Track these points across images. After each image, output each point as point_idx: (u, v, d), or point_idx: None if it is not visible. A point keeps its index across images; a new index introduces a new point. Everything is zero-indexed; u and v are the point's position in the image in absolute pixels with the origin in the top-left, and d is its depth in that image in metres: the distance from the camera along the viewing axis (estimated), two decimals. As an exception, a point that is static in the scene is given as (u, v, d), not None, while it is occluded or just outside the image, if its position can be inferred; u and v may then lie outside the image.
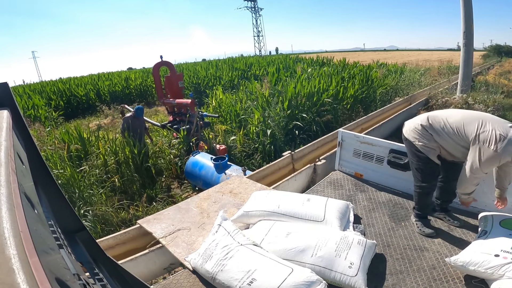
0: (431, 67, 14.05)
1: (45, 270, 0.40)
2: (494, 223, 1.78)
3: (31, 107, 9.69)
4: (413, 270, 1.72)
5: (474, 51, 6.88)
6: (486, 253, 1.53)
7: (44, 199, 0.87)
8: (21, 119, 0.88)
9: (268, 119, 5.32)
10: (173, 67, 6.91)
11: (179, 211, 2.37)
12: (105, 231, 3.10)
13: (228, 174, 3.41)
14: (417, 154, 2.00)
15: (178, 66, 19.89)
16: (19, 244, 0.39)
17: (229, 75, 13.35)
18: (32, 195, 0.67)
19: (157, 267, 2.05)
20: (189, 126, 5.28)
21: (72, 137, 4.82)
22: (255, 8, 53.44)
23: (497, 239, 1.61)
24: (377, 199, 2.49)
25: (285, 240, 1.78)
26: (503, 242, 1.57)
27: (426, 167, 1.99)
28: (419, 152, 1.98)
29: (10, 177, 0.53)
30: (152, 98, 13.35)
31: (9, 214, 0.43)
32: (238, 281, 1.51)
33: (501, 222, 1.77)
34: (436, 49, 70.00)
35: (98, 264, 1.00)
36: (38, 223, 0.60)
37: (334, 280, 1.60)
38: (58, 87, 13.60)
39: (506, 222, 1.76)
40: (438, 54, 32.62)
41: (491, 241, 1.61)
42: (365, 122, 5.46)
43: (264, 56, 28.17)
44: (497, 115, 5.47)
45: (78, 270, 0.73)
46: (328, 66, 12.02)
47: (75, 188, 3.49)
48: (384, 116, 5.94)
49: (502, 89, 7.63)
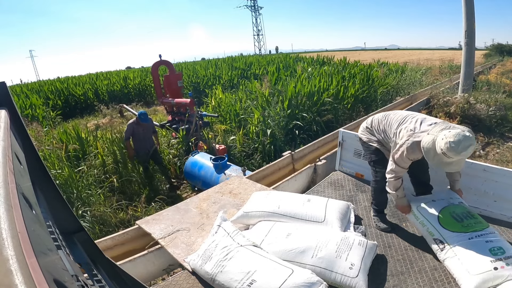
0: (433, 66, 14.01)
1: (43, 271, 0.40)
2: (436, 226, 1.80)
3: (29, 106, 9.64)
4: (415, 271, 1.71)
5: (476, 50, 6.85)
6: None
7: (42, 200, 0.86)
8: (19, 119, 0.88)
9: (268, 119, 5.31)
10: (172, 66, 6.90)
11: (178, 212, 2.36)
12: (104, 232, 3.08)
13: (227, 174, 3.40)
14: (367, 147, 2.21)
15: (177, 65, 19.84)
16: (17, 245, 0.38)
17: (228, 74, 13.33)
18: (30, 196, 0.66)
19: (156, 268, 2.04)
20: (188, 126, 5.26)
21: (70, 137, 4.79)
22: (255, 7, 53.48)
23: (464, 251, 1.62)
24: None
25: (285, 241, 1.77)
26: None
27: (377, 157, 2.14)
28: (367, 144, 2.20)
29: (7, 178, 0.52)
30: (151, 98, 13.31)
31: (6, 215, 0.43)
32: (238, 282, 1.50)
33: (441, 223, 1.79)
34: (438, 48, 69.77)
35: (97, 265, 0.99)
36: (36, 224, 0.59)
37: (334, 281, 1.59)
38: (56, 87, 13.54)
39: (444, 221, 1.79)
40: (440, 53, 32.54)
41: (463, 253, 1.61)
42: (366, 122, 5.46)
43: (264, 55, 28.19)
44: (499, 114, 5.47)
45: (76, 271, 0.72)
46: (329, 65, 12.02)
47: (73, 188, 3.47)
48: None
49: (504, 88, 7.59)
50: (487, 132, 5.26)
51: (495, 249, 1.57)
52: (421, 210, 1.91)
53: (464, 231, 1.68)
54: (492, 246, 1.59)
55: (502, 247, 1.58)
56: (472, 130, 1.65)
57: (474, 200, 2.22)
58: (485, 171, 2.16)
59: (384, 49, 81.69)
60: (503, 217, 2.11)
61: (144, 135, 4.21)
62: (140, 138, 4.20)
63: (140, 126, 4.16)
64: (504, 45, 24.20)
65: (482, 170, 2.17)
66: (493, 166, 2.16)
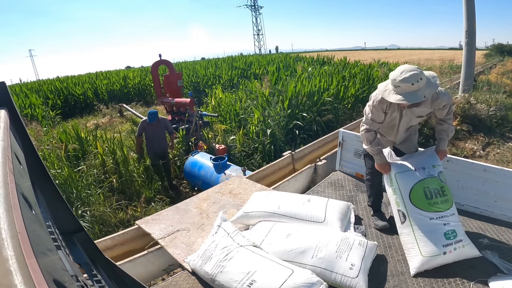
0: (433, 66, 13.92)
1: (43, 271, 0.40)
2: (405, 199, 1.83)
3: (28, 106, 9.62)
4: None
5: (476, 50, 6.82)
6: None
7: (42, 200, 0.86)
8: (19, 118, 0.88)
9: (268, 119, 5.30)
10: (172, 65, 6.91)
11: (178, 212, 2.36)
12: (103, 232, 3.07)
13: (227, 174, 3.39)
14: (361, 141, 2.15)
15: (177, 65, 19.81)
16: (17, 245, 0.38)
17: (228, 74, 13.32)
18: (30, 196, 0.66)
19: (156, 268, 2.04)
20: (188, 126, 5.26)
21: (69, 136, 4.79)
22: (255, 6, 53.48)
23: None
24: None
25: (285, 241, 1.77)
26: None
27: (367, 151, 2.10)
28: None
29: (7, 178, 0.52)
30: (150, 97, 13.29)
31: (6, 215, 0.43)
32: (238, 283, 1.49)
33: (411, 197, 1.82)
34: (438, 48, 69.37)
35: (96, 265, 0.99)
36: (35, 224, 0.59)
37: (335, 281, 1.59)
38: (55, 86, 13.50)
39: (415, 195, 1.81)
40: (440, 53, 32.42)
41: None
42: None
43: (264, 55, 28.13)
44: (499, 115, 5.46)
45: (76, 271, 0.72)
46: (329, 65, 11.99)
47: (72, 188, 3.46)
48: None
49: (505, 88, 7.58)
50: (488, 132, 5.26)
51: (449, 233, 1.71)
52: (398, 178, 1.90)
53: (428, 210, 1.76)
54: (448, 229, 1.71)
55: (455, 231, 1.71)
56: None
57: (474, 200, 2.22)
58: (485, 171, 2.15)
59: (385, 49, 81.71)
60: (503, 217, 2.10)
61: (153, 135, 4.11)
62: (149, 137, 4.14)
63: (150, 125, 4.08)
64: (505, 45, 24.20)
65: (482, 170, 2.17)
66: (493, 166, 2.16)
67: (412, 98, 1.62)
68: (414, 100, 1.63)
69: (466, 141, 5.05)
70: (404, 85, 1.61)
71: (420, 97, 1.63)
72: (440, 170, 1.91)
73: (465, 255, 1.70)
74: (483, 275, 1.60)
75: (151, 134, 4.11)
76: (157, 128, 4.11)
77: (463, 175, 2.26)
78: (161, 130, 4.16)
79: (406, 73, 1.61)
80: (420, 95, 1.63)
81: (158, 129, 4.12)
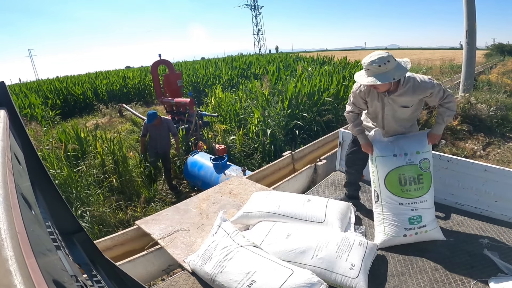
0: (433, 66, 13.86)
1: (43, 271, 0.40)
2: (380, 182, 1.94)
3: (28, 106, 9.60)
4: (415, 272, 1.70)
5: (476, 50, 6.80)
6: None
7: (41, 200, 0.86)
8: (18, 118, 0.87)
9: (268, 119, 5.30)
10: (172, 65, 6.91)
11: (178, 212, 2.35)
12: (103, 232, 3.07)
13: (227, 174, 3.39)
14: None
15: (177, 65, 19.78)
16: (16, 245, 0.38)
17: (228, 74, 13.30)
18: (29, 196, 0.66)
19: (155, 268, 2.03)
20: (188, 126, 5.26)
21: (69, 136, 4.78)
22: (255, 6, 53.47)
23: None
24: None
25: (285, 241, 1.76)
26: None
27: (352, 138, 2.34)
28: None
29: (7, 178, 0.52)
30: (150, 97, 13.28)
31: (6, 215, 0.43)
32: (238, 283, 1.49)
33: (385, 181, 1.92)
34: (438, 48, 69.13)
35: (96, 265, 0.99)
36: (35, 224, 0.59)
37: (335, 281, 1.59)
38: (55, 86, 13.48)
39: (389, 180, 1.91)
40: (440, 53, 32.34)
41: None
42: (366, 122, 5.44)
43: (264, 55, 28.07)
44: (500, 114, 5.45)
45: (75, 272, 0.72)
46: (329, 65, 11.95)
47: (72, 188, 3.46)
48: None
49: (505, 88, 7.55)
50: (488, 132, 5.26)
51: (414, 218, 1.86)
52: (377, 161, 1.97)
53: (399, 195, 1.89)
54: (414, 215, 1.86)
55: (421, 216, 1.86)
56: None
57: (475, 200, 2.22)
58: (486, 171, 2.15)
59: (385, 48, 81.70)
60: (504, 217, 2.10)
61: (155, 135, 4.13)
62: (152, 137, 4.18)
63: (152, 126, 4.09)
64: (505, 45, 24.10)
65: (483, 170, 2.16)
66: (494, 166, 2.15)
67: (381, 79, 1.70)
68: (383, 80, 1.70)
69: (466, 141, 5.05)
70: (372, 67, 1.72)
71: (389, 78, 1.70)
72: (424, 157, 1.92)
73: (427, 238, 1.89)
74: (484, 275, 1.60)
75: (154, 135, 4.14)
76: (159, 129, 4.12)
77: (463, 175, 2.26)
78: (164, 131, 4.16)
79: (374, 56, 1.73)
80: (389, 77, 1.70)
81: (161, 130, 4.13)
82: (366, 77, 1.76)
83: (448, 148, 4.77)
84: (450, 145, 4.88)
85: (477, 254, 1.78)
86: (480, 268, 1.66)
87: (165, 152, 4.20)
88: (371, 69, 1.73)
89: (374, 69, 1.72)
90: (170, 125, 4.25)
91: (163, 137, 4.15)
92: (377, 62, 1.70)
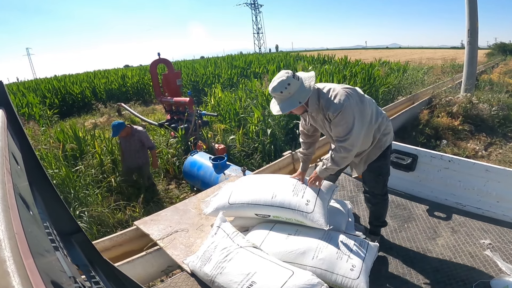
0: (435, 66, 13.83)
1: (41, 272, 0.40)
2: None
3: (25, 105, 9.56)
4: (416, 273, 1.70)
5: (478, 49, 6.76)
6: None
7: (40, 200, 0.85)
8: (16, 118, 0.87)
9: (268, 118, 5.29)
10: (171, 64, 6.88)
11: (177, 212, 2.34)
12: (101, 233, 3.05)
13: (227, 174, 3.37)
14: None
15: (176, 64, 19.76)
16: (14, 246, 0.38)
17: (228, 73, 13.28)
18: (27, 196, 0.65)
19: (154, 269, 2.01)
20: (187, 125, 5.24)
21: (67, 136, 4.75)
22: (255, 5, 53.48)
23: None
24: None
25: (285, 242, 1.76)
26: None
27: None
28: None
29: (4, 178, 0.52)
30: (149, 96, 13.24)
31: (3, 216, 0.43)
32: (238, 284, 1.48)
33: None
34: (440, 47, 69.02)
35: (95, 266, 0.98)
36: (33, 225, 0.58)
37: (335, 283, 1.58)
38: (53, 85, 13.44)
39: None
40: (442, 52, 32.33)
41: None
42: (367, 121, 5.41)
43: (264, 54, 28.06)
44: (501, 114, 5.42)
45: (74, 272, 0.71)
46: (330, 64, 11.96)
47: (70, 188, 3.43)
48: (387, 115, 5.86)
49: (507, 88, 7.58)
50: (490, 132, 5.26)
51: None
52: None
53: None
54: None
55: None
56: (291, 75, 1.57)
57: (476, 201, 2.22)
58: (487, 172, 2.15)
59: (386, 47, 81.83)
60: (505, 218, 2.10)
61: (125, 148, 3.64)
62: (122, 151, 3.70)
63: (121, 138, 3.61)
64: (507, 44, 23.97)
65: (484, 170, 2.16)
66: (495, 167, 2.15)
67: (285, 107, 1.56)
68: (288, 108, 1.56)
69: (468, 141, 5.06)
70: (275, 94, 1.57)
71: (294, 103, 1.55)
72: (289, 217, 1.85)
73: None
74: (486, 276, 1.60)
75: (124, 147, 3.67)
76: (130, 141, 3.60)
77: (465, 176, 2.26)
78: (135, 143, 3.61)
79: (274, 82, 1.56)
80: (295, 102, 1.55)
81: (131, 143, 3.60)
82: (275, 106, 1.62)
83: (449, 148, 4.78)
84: (451, 145, 4.89)
85: (478, 255, 1.78)
86: (481, 268, 1.66)
87: (139, 167, 3.74)
88: (276, 97, 1.60)
89: (278, 96, 1.57)
90: (143, 136, 3.65)
91: (133, 151, 3.63)
92: (278, 88, 1.54)
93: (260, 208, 1.87)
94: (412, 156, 2.50)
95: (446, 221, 2.16)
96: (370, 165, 1.84)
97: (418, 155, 2.49)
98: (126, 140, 3.61)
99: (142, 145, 3.65)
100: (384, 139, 1.80)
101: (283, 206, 1.80)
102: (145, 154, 3.75)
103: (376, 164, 1.83)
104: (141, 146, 3.66)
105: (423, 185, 2.50)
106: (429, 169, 2.45)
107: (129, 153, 3.64)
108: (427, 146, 4.81)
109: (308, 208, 1.75)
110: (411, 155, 2.51)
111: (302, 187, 1.86)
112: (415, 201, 2.42)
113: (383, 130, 1.79)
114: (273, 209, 1.83)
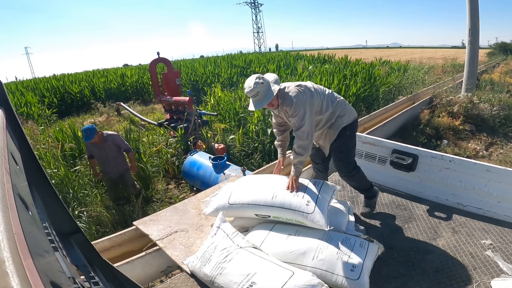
0: (435, 65, 13.82)
1: (40, 273, 0.40)
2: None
3: (24, 104, 9.53)
4: (417, 273, 1.70)
5: (479, 49, 6.75)
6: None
7: (39, 201, 0.85)
8: (15, 118, 0.87)
9: (268, 118, 5.28)
10: (170, 63, 6.86)
11: (176, 212, 2.33)
12: (100, 233, 3.04)
13: (227, 174, 3.37)
14: None
15: (176, 63, 19.73)
16: (13, 246, 0.39)
17: (228, 72, 13.25)
18: (26, 196, 0.65)
19: (154, 270, 2.01)
20: (187, 125, 5.23)
21: (66, 135, 4.74)
22: (255, 4, 53.45)
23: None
24: (379, 201, 2.46)
25: (285, 242, 1.75)
26: None
27: None
28: None
29: (3, 178, 0.52)
30: (148, 96, 13.22)
31: (2, 216, 0.43)
32: (238, 285, 1.47)
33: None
34: (440, 47, 68.63)
35: (94, 267, 0.98)
36: (32, 225, 0.58)
37: (336, 283, 1.58)
38: (51, 84, 13.40)
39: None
40: (442, 52, 32.29)
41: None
42: (368, 121, 5.33)
43: (264, 53, 28.00)
44: (502, 114, 5.39)
45: (73, 273, 0.71)
46: (330, 63, 11.96)
47: (69, 188, 3.42)
48: (387, 115, 5.79)
49: (508, 88, 7.57)
50: (491, 132, 5.25)
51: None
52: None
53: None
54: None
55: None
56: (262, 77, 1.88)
57: (477, 201, 2.21)
58: (488, 172, 2.14)
59: (386, 47, 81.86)
60: (506, 218, 2.10)
61: (100, 157, 3.33)
62: (98, 160, 3.38)
63: (93, 145, 3.25)
64: (508, 44, 23.81)
65: (485, 170, 2.15)
66: (496, 167, 2.14)
67: (257, 106, 1.85)
68: (258, 106, 1.85)
69: (469, 141, 5.05)
70: (248, 94, 1.87)
71: (262, 103, 1.84)
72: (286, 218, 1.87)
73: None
74: (486, 276, 1.60)
75: (99, 156, 3.33)
76: (105, 148, 3.29)
77: (466, 176, 2.26)
78: (111, 150, 3.32)
79: (246, 86, 1.85)
80: (262, 102, 1.83)
81: (106, 149, 3.29)
82: (251, 104, 1.89)
83: (450, 148, 4.78)
84: (452, 145, 4.89)
85: (479, 255, 1.77)
86: (482, 269, 1.65)
87: (121, 175, 3.46)
88: (250, 98, 1.88)
89: (251, 98, 1.86)
90: (118, 140, 3.37)
91: (111, 157, 3.34)
92: (249, 93, 1.83)
93: (260, 208, 1.86)
94: (413, 156, 2.49)
95: (446, 221, 2.15)
96: (332, 145, 2.12)
97: (419, 155, 2.49)
98: (100, 147, 3.29)
99: (118, 149, 3.39)
100: (340, 121, 2.04)
101: (283, 206, 1.80)
102: (124, 159, 3.50)
103: (335, 145, 2.11)
104: (118, 151, 3.38)
105: (424, 185, 2.49)
106: (430, 169, 2.45)
107: (107, 161, 3.35)
108: (428, 146, 4.81)
109: (308, 209, 1.75)
110: (411, 155, 2.50)
111: (303, 188, 1.87)
112: (415, 202, 2.42)
113: (339, 113, 2.04)
114: (273, 210, 1.83)
